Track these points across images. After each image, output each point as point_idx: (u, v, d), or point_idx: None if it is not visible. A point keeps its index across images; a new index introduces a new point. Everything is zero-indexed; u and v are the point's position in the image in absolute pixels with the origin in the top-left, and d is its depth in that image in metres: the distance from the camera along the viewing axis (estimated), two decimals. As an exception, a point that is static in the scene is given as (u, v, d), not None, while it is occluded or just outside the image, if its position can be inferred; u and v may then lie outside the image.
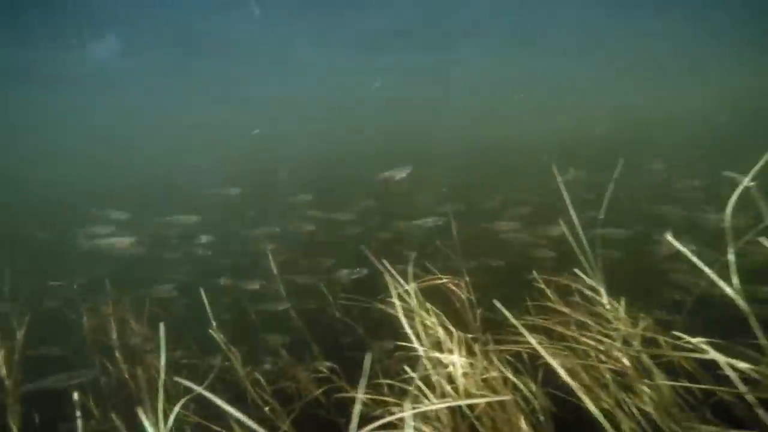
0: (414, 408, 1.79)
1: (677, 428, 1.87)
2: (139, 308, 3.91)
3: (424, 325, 2.26)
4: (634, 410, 1.99)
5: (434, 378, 1.90)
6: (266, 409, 2.92)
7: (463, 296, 3.03)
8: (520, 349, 2.20)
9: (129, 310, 3.80)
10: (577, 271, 2.22)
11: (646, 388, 2.01)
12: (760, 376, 1.57)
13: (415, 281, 3.19)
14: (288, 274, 5.19)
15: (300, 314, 3.98)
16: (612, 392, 2.08)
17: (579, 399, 2.12)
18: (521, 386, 2.18)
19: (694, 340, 1.71)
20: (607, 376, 2.12)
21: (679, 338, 1.77)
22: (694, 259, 1.66)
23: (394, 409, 2.12)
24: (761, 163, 1.51)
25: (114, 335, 3.59)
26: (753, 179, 1.53)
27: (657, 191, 7.53)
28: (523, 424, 2.16)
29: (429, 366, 1.92)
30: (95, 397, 3.17)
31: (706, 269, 1.64)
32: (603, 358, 2.10)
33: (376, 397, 2.13)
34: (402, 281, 2.35)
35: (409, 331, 1.87)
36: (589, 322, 2.12)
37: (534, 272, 2.59)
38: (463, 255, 3.33)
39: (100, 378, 3.57)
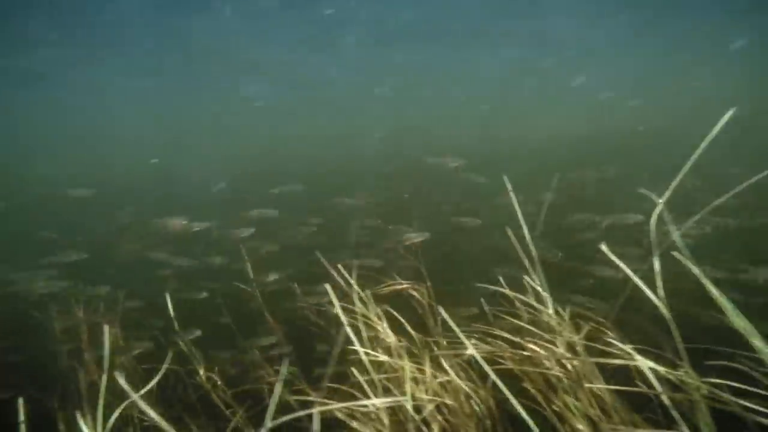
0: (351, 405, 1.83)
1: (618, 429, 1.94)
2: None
3: (375, 330, 2.30)
4: (576, 413, 2.05)
5: (376, 381, 1.94)
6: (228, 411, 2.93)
7: (424, 301, 3.10)
8: (463, 354, 2.25)
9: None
10: (526, 278, 2.29)
11: (588, 391, 2.08)
12: (678, 379, 1.64)
13: (377, 286, 3.24)
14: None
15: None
16: (559, 395, 2.14)
17: (529, 403, 2.18)
18: (469, 391, 2.23)
19: (623, 347, 1.78)
20: (551, 380, 2.19)
21: (611, 344, 1.84)
22: (623, 266, 1.74)
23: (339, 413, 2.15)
24: (675, 183, 1.60)
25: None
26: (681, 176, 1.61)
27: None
28: (472, 429, 2.21)
29: (371, 370, 1.96)
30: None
31: (634, 277, 1.72)
32: (548, 363, 2.16)
33: (307, 398, 2.16)
34: (354, 286, 2.39)
35: (353, 336, 1.91)
36: (535, 329, 2.18)
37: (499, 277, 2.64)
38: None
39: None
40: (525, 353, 2.23)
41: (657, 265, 1.69)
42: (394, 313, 2.81)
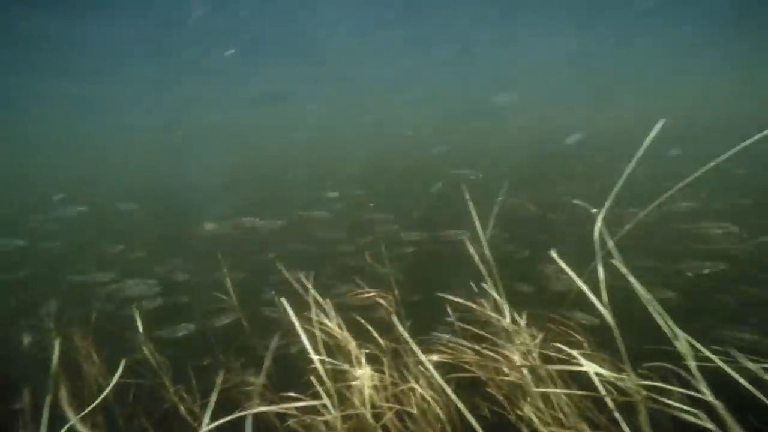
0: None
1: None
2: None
3: (334, 338, 2.31)
4: (532, 416, 2.09)
5: (331, 389, 1.94)
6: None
7: (391, 309, 3.12)
8: (425, 361, 2.28)
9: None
10: (485, 285, 2.33)
11: (542, 395, 2.12)
12: (622, 382, 1.70)
13: (347, 294, 3.25)
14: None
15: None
16: (517, 400, 2.18)
17: (493, 407, 2.21)
18: (428, 398, 2.25)
19: (571, 352, 1.83)
20: (511, 385, 2.23)
21: (560, 350, 1.89)
22: (571, 273, 1.80)
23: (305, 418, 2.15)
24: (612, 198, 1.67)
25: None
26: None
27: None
28: (430, 435, 2.23)
29: (328, 379, 1.97)
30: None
31: (580, 283, 1.78)
32: (506, 369, 2.20)
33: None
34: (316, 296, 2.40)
35: (307, 344, 1.92)
36: (491, 336, 2.23)
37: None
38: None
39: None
40: (482, 360, 2.27)
41: (601, 272, 1.75)
42: (363, 321, 2.84)
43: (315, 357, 1.92)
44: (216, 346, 4.14)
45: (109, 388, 1.74)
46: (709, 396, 1.35)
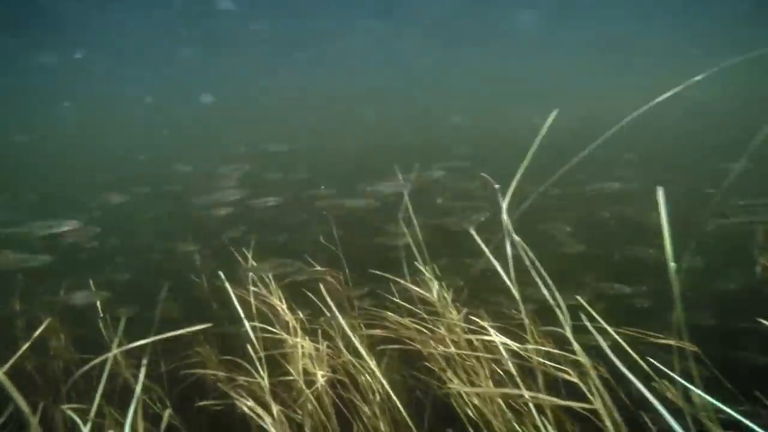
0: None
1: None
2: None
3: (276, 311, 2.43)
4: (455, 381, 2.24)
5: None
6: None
7: (339, 288, 3.25)
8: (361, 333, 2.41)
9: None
10: (417, 264, 2.47)
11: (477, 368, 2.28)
12: (525, 353, 1.85)
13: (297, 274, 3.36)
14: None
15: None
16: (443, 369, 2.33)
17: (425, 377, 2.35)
18: (361, 368, 2.39)
19: (484, 324, 1.98)
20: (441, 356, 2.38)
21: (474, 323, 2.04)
22: (486, 251, 1.94)
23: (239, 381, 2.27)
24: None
25: None
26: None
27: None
28: (363, 404, 2.37)
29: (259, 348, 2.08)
30: None
31: (493, 260, 1.92)
32: (432, 342, 2.35)
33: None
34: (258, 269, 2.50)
35: (242, 313, 2.03)
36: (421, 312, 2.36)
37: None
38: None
39: None
40: (417, 334, 2.41)
41: (509, 249, 1.89)
42: (311, 296, 2.95)
43: (248, 325, 2.03)
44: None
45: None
46: (580, 356, 1.51)
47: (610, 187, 5.34)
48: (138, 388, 1.40)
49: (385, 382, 2.13)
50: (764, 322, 1.60)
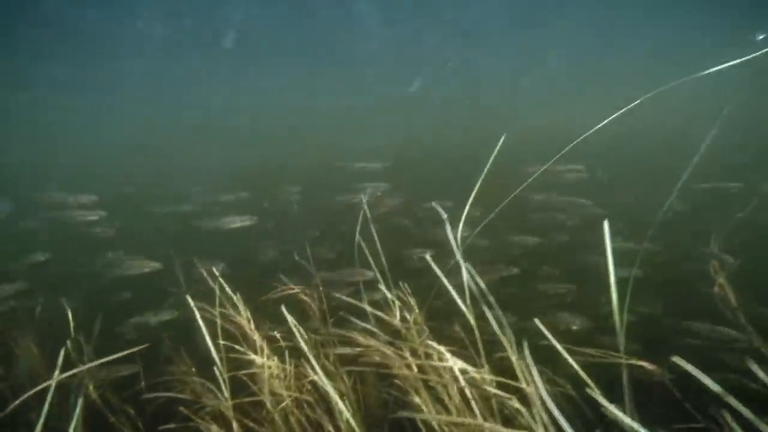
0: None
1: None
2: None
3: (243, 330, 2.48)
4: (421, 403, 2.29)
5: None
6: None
7: (314, 306, 3.30)
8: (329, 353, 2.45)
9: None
10: (381, 287, 2.52)
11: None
12: (479, 375, 1.91)
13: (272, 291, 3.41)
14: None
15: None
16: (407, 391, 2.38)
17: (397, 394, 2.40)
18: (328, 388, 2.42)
19: (440, 349, 2.04)
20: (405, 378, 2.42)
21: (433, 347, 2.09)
22: (439, 273, 2.00)
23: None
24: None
25: None
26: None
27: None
28: (326, 423, 2.41)
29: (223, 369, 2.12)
30: None
31: (447, 284, 1.98)
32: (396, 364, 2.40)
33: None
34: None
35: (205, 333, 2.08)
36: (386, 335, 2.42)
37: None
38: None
39: None
40: (382, 356, 2.46)
41: (465, 275, 1.96)
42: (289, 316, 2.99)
43: (211, 345, 2.08)
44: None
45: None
46: (524, 385, 1.57)
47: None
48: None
49: (340, 404, 2.17)
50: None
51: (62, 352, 1.45)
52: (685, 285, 4.41)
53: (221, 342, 2.35)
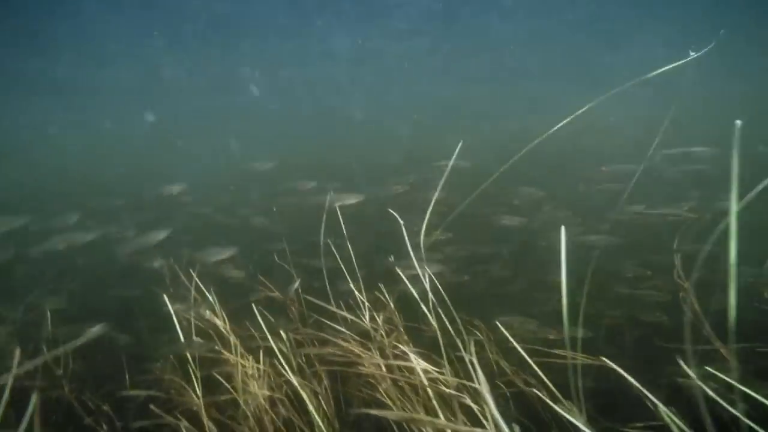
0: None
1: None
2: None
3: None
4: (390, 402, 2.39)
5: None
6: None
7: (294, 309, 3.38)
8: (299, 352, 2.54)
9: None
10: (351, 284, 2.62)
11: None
12: (441, 375, 2.02)
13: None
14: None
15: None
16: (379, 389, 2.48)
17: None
18: (300, 388, 2.51)
19: (406, 350, 2.14)
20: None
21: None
22: (407, 282, 2.10)
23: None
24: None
25: None
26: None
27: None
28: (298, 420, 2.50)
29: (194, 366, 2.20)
30: None
31: (412, 289, 2.08)
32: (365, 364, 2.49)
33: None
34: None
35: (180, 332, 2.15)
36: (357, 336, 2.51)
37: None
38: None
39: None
40: (353, 356, 2.55)
41: (430, 278, 2.06)
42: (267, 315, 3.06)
43: (183, 342, 2.15)
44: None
45: None
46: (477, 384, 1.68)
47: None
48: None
49: (306, 398, 2.26)
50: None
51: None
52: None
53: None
